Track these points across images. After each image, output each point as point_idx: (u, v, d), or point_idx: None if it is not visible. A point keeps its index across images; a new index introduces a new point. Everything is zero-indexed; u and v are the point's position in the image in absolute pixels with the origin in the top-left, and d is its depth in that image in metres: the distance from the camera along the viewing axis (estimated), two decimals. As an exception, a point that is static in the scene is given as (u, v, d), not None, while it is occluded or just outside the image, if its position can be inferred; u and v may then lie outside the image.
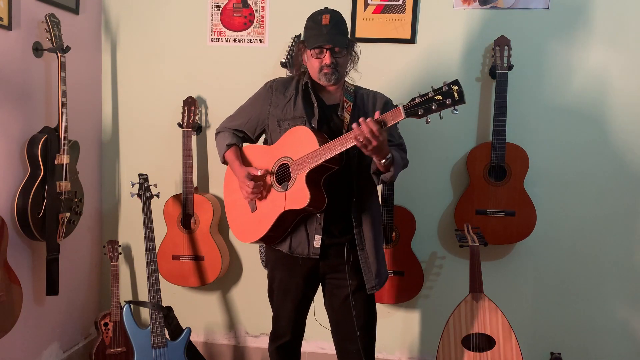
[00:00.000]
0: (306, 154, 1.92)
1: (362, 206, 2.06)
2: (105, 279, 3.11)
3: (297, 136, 1.99)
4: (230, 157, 2.15)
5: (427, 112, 1.72)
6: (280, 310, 2.22)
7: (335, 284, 2.12)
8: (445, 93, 1.70)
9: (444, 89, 1.70)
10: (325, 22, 1.97)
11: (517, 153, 2.63)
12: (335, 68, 1.99)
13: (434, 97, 1.71)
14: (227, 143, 2.16)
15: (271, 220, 2.03)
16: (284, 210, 1.99)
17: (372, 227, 2.08)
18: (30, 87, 2.47)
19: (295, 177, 1.97)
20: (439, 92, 1.70)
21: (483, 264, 2.59)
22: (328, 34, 1.96)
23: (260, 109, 2.14)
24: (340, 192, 2.02)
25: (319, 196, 1.95)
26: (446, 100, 1.69)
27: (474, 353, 2.42)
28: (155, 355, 2.57)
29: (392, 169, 1.92)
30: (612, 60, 2.66)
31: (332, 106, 2.08)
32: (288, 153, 2.01)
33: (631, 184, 2.70)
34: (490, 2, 2.72)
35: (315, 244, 2.04)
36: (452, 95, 1.69)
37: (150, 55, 3.00)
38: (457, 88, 1.68)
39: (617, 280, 2.75)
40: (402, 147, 2.13)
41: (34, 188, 2.37)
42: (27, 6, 2.42)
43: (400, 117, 1.75)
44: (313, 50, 1.98)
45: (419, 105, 1.72)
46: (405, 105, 1.74)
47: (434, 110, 1.71)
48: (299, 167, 1.95)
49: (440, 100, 1.70)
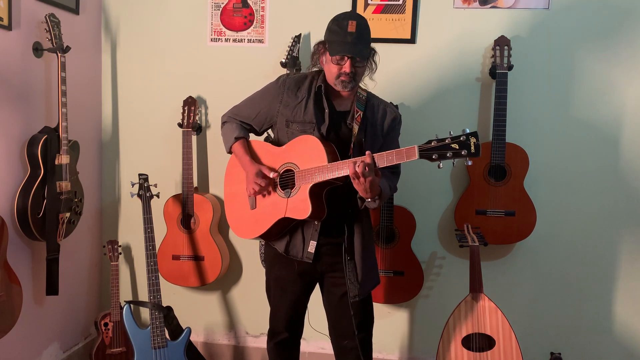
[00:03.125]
0: (313, 166, 1.92)
1: (356, 216, 2.08)
2: (105, 279, 3.11)
3: (306, 146, 1.98)
4: (239, 150, 2.13)
5: (441, 158, 1.72)
6: (277, 307, 2.23)
7: (333, 282, 2.13)
8: (462, 143, 1.69)
9: (462, 139, 1.69)
10: (351, 30, 1.90)
11: (517, 153, 2.62)
12: (353, 77, 1.96)
13: (450, 145, 1.70)
14: (235, 135, 2.15)
15: (269, 223, 2.04)
16: (284, 216, 2.00)
17: (363, 238, 2.10)
18: (30, 87, 2.47)
19: (300, 186, 1.97)
20: (457, 141, 1.70)
21: (483, 264, 2.59)
22: (352, 43, 1.90)
23: (270, 105, 2.11)
24: (340, 201, 2.03)
25: (319, 208, 1.97)
26: (462, 150, 1.69)
27: (474, 353, 2.42)
28: (155, 355, 2.57)
29: (377, 202, 1.94)
30: (612, 59, 2.66)
31: (342, 113, 2.06)
32: (295, 160, 2.01)
33: (631, 184, 2.69)
34: (490, 2, 2.72)
35: (310, 249, 2.05)
36: (469, 146, 1.68)
37: (150, 55, 3.00)
38: (474, 140, 1.68)
39: (617, 280, 2.75)
40: (397, 170, 2.13)
41: (34, 188, 2.37)
42: (27, 6, 2.42)
43: (413, 157, 1.74)
44: (334, 57, 1.94)
45: (434, 150, 1.72)
46: (421, 147, 1.74)
47: (448, 158, 1.71)
48: (305, 178, 1.95)
49: (456, 150, 1.69)
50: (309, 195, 1.93)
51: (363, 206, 1.99)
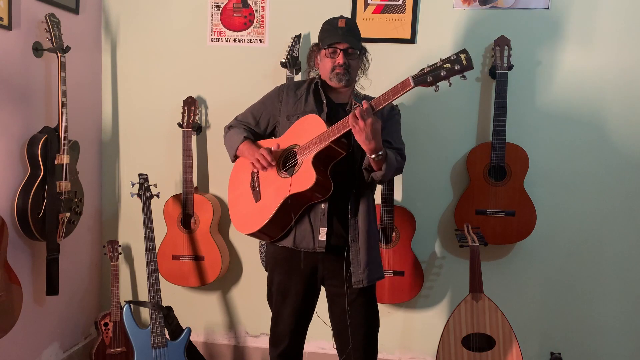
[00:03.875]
0: (313, 137, 1.94)
1: (360, 198, 2.06)
2: (105, 279, 3.11)
3: (305, 123, 2.01)
4: (247, 144, 2.15)
5: (436, 79, 1.75)
6: (278, 314, 2.20)
7: (335, 292, 2.11)
8: (453, 60, 1.73)
9: (452, 57, 1.74)
10: (341, 25, 2.04)
11: (517, 153, 2.63)
12: (347, 69, 2.03)
13: (442, 65, 1.74)
14: (244, 135, 2.17)
15: (275, 207, 1.99)
16: (289, 194, 1.96)
17: (367, 220, 2.06)
18: (30, 87, 2.47)
19: (302, 161, 1.97)
20: (447, 61, 1.74)
21: (483, 264, 2.59)
22: (343, 34, 2.02)
23: (272, 107, 2.17)
24: (345, 181, 2.02)
25: (325, 181, 1.94)
26: (454, 66, 1.73)
27: (474, 353, 2.42)
28: (155, 355, 2.57)
29: (383, 167, 1.92)
30: (612, 59, 2.66)
31: (340, 104, 2.11)
32: (296, 141, 2.03)
33: (631, 184, 2.70)
34: (490, 2, 2.72)
35: (321, 237, 2.02)
36: (460, 61, 1.72)
37: (150, 55, 3.00)
38: (465, 55, 1.72)
39: (617, 280, 2.75)
40: (401, 152, 2.13)
41: (34, 188, 2.37)
42: (27, 6, 2.42)
43: (409, 86, 1.77)
44: (327, 50, 2.03)
45: (427, 74, 1.75)
46: (414, 75, 1.77)
47: (443, 77, 1.74)
48: (306, 150, 1.95)
49: (448, 67, 1.73)
50: (312, 164, 1.92)
51: (370, 178, 1.98)
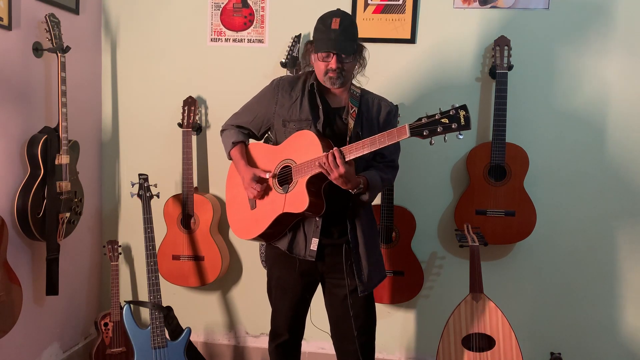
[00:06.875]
0: (309, 159, 1.93)
1: (357, 211, 2.07)
2: (105, 279, 3.11)
3: (302, 140, 1.99)
4: (236, 155, 2.17)
5: (432, 133, 1.72)
6: (278, 308, 2.23)
7: (334, 283, 2.13)
8: (452, 117, 1.70)
9: (452, 113, 1.70)
10: (334, 27, 1.94)
11: (517, 153, 2.62)
12: (340, 73, 1.98)
13: (440, 120, 1.71)
14: (232, 141, 2.18)
15: (269, 221, 2.04)
16: (282, 212, 2.00)
17: (364, 233, 2.09)
18: (30, 87, 2.47)
19: (297, 181, 1.97)
20: (446, 115, 1.71)
21: (483, 264, 2.59)
22: (336, 39, 1.94)
23: (267, 108, 2.14)
24: (340, 196, 2.02)
25: (318, 202, 1.96)
26: (452, 124, 1.69)
27: (474, 353, 2.42)
28: (155, 355, 2.57)
29: (367, 194, 1.96)
30: (612, 60, 2.66)
31: (337, 109, 2.08)
32: (292, 156, 2.01)
33: (631, 184, 2.69)
34: (490, 2, 2.72)
35: (312, 247, 2.04)
36: (458, 120, 1.69)
37: (150, 55, 3.00)
38: (464, 113, 1.69)
39: (617, 279, 2.75)
40: (394, 164, 2.14)
41: (34, 188, 2.37)
42: (27, 6, 2.42)
43: (404, 135, 1.75)
44: (320, 54, 1.98)
45: (425, 126, 1.72)
46: (412, 125, 1.74)
47: (439, 133, 1.71)
48: (301, 171, 1.95)
49: (446, 124, 1.70)
50: (306, 188, 1.93)
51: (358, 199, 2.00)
